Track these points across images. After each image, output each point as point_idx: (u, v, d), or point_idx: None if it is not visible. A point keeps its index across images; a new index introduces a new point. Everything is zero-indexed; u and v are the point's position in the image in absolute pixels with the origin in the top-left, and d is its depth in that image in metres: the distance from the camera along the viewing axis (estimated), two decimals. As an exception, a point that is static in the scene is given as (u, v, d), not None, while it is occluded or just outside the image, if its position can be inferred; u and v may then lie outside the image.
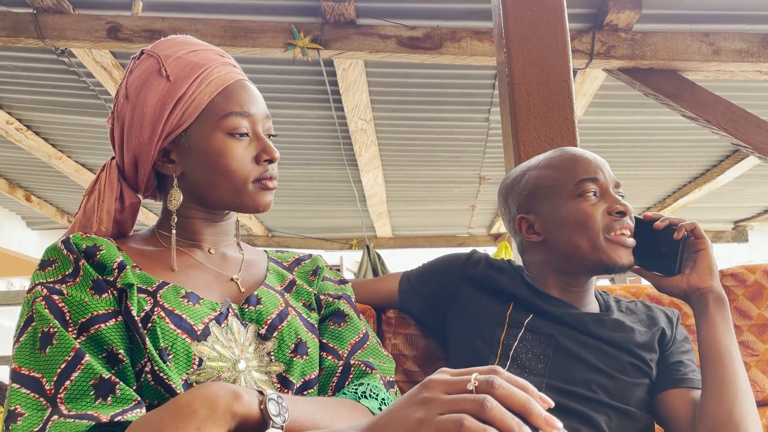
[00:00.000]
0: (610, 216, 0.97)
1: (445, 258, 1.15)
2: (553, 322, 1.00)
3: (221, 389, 0.60)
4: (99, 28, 2.49)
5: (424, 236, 6.39)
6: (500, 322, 1.01)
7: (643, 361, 0.97)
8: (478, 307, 1.05)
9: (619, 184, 1.02)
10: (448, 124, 3.52)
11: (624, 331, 0.99)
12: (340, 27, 2.48)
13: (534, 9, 1.65)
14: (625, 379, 0.95)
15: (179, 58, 0.81)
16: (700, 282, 0.95)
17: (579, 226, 0.97)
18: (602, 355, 0.96)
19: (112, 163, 0.85)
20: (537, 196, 1.03)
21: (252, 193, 0.82)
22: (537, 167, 1.06)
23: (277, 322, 0.80)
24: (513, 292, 1.04)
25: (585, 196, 0.98)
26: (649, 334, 1.01)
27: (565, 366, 0.95)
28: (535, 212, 1.03)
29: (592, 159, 1.02)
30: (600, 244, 0.97)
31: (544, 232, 1.02)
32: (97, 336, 0.68)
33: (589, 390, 0.93)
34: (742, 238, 6.25)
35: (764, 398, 1.16)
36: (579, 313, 1.01)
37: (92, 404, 0.64)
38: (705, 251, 0.97)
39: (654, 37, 2.46)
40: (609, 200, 0.99)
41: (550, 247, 1.02)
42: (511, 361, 0.97)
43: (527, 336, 0.99)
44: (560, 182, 1.00)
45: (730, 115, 2.44)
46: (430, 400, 0.50)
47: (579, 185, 0.99)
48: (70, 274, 0.72)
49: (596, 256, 0.97)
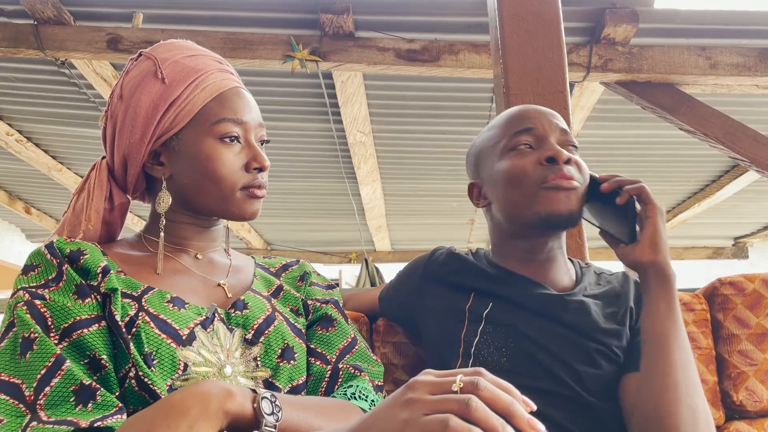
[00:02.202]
0: (541, 165, 0.89)
1: (412, 261, 1.12)
2: (513, 307, 0.92)
3: (214, 387, 0.60)
4: (99, 39, 2.52)
5: (424, 250, 6.36)
6: (461, 318, 0.94)
7: (608, 348, 0.89)
8: (441, 306, 0.99)
9: (567, 132, 0.93)
10: (447, 138, 3.53)
11: (587, 315, 0.90)
12: (339, 39, 2.50)
13: (530, 21, 1.66)
14: (590, 370, 0.86)
15: (176, 61, 0.81)
16: (642, 255, 0.84)
17: (510, 181, 0.91)
18: (565, 343, 0.88)
19: (102, 163, 0.85)
20: (480, 160, 0.99)
21: (239, 201, 0.81)
22: (483, 132, 1.01)
23: (264, 327, 0.79)
24: (472, 284, 0.98)
25: (518, 149, 0.92)
26: (616, 318, 0.92)
27: (527, 358, 0.88)
28: (481, 176, 1.00)
29: (530, 109, 0.95)
30: (533, 195, 0.88)
31: (489, 195, 0.98)
32: (80, 341, 0.67)
33: (555, 383, 0.85)
34: (743, 254, 6.23)
35: (762, 409, 1.14)
36: (541, 294, 0.93)
37: (72, 410, 0.63)
38: (651, 219, 0.85)
39: (651, 50, 2.48)
40: (543, 149, 0.90)
41: (494, 210, 0.97)
42: (473, 359, 0.90)
43: (488, 329, 0.91)
44: (497, 140, 0.96)
45: (727, 129, 2.45)
46: (415, 400, 0.50)
47: (512, 138, 0.93)
48: (53, 278, 0.71)
49: (532, 209, 0.89)
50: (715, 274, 1.33)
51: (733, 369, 1.15)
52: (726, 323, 1.19)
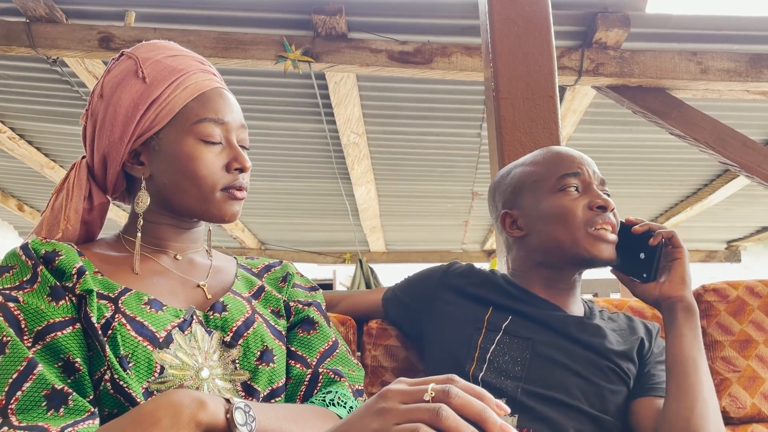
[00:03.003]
0: (591, 211, 0.98)
1: (427, 269, 1.17)
2: (533, 323, 0.99)
3: (185, 397, 0.59)
4: (91, 37, 2.51)
5: (418, 251, 6.38)
6: (478, 326, 1.01)
7: (621, 369, 0.97)
8: (458, 312, 1.05)
9: (604, 181, 1.02)
10: (441, 140, 3.53)
11: (603, 337, 0.99)
12: (332, 40, 2.50)
13: (520, 25, 1.66)
14: (604, 385, 0.94)
15: (157, 61, 0.81)
16: (672, 291, 0.95)
17: (559, 220, 0.98)
18: (582, 360, 0.96)
19: (82, 162, 0.85)
20: (521, 192, 1.05)
21: (219, 202, 0.80)
22: (522, 164, 1.08)
23: (243, 330, 0.79)
24: (492, 298, 1.04)
25: (566, 190, 0.99)
26: (627, 344, 1.00)
27: (542, 370, 0.94)
28: (519, 207, 1.05)
29: (575, 155, 1.03)
30: (580, 237, 0.97)
31: (526, 227, 1.03)
32: (53, 345, 0.67)
33: (567, 395, 0.92)
34: (735, 258, 6.25)
35: (745, 415, 1.14)
36: (561, 315, 1.01)
37: (44, 415, 0.62)
38: (680, 260, 0.96)
39: (642, 55, 2.48)
40: (591, 195, 0.99)
41: (532, 242, 1.03)
42: (488, 364, 0.96)
43: (505, 339, 0.98)
44: (543, 177, 1.02)
45: (717, 134, 2.46)
46: (386, 410, 0.50)
47: (561, 180, 1.00)
48: (27, 280, 0.71)
49: (576, 249, 0.97)
50: (708, 278, 1.34)
51: (716, 376, 1.16)
52: (709, 330, 1.19)
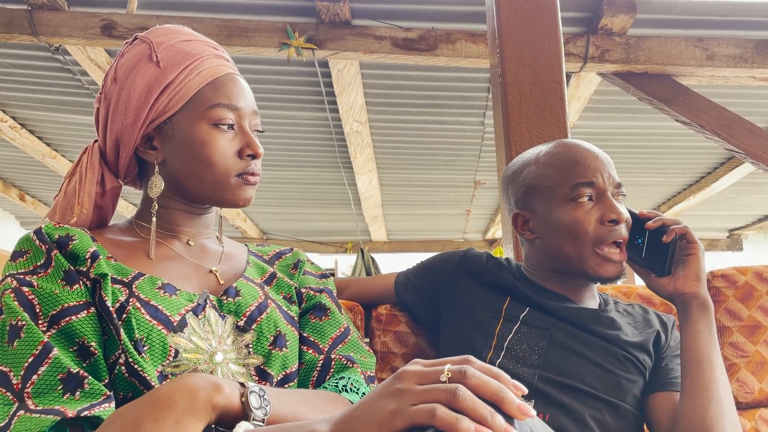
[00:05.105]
0: (602, 226, 0.95)
1: (444, 253, 1.17)
2: (549, 315, 0.99)
3: (202, 381, 0.59)
4: (93, 25, 2.49)
5: (420, 241, 6.39)
6: (496, 315, 1.01)
7: (637, 359, 0.97)
8: (476, 300, 1.05)
9: (620, 184, 1.00)
10: (444, 128, 3.52)
11: (619, 329, 0.99)
12: (335, 27, 2.48)
13: (527, 10, 1.65)
14: (621, 374, 0.94)
15: (171, 45, 0.81)
16: (686, 287, 0.94)
17: (569, 234, 0.97)
18: (598, 350, 0.96)
19: (95, 146, 0.85)
20: (533, 195, 1.02)
21: (233, 187, 0.80)
22: (536, 163, 1.04)
23: (256, 314, 0.79)
24: (510, 287, 1.04)
25: (579, 201, 0.96)
26: (643, 336, 1.00)
27: (559, 358, 0.95)
28: (531, 210, 1.03)
29: (592, 160, 0.98)
30: (587, 255, 0.96)
31: (537, 231, 1.02)
32: (68, 328, 0.67)
33: (584, 383, 0.93)
34: (737, 246, 6.25)
35: (753, 400, 1.15)
36: (576, 307, 1.01)
37: (60, 399, 0.62)
38: (695, 256, 0.95)
39: (648, 41, 2.47)
40: (604, 207, 0.96)
41: (542, 247, 1.02)
42: (506, 352, 0.96)
43: (522, 329, 0.98)
44: (556, 184, 0.99)
45: (723, 121, 2.44)
46: (402, 391, 0.50)
47: (574, 189, 0.96)
48: (41, 265, 0.71)
49: (582, 266, 0.97)
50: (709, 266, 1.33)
51: (725, 361, 1.15)
52: (718, 315, 1.19)
